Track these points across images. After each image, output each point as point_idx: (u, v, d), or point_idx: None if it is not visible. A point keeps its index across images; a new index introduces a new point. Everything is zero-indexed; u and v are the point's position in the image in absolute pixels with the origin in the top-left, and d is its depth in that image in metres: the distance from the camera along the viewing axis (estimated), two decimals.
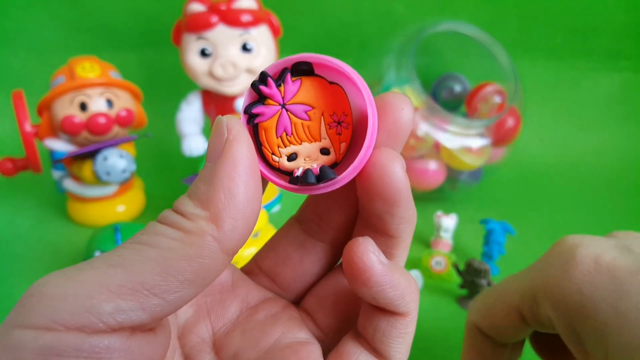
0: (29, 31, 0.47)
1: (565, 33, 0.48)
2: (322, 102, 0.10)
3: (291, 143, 0.10)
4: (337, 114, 0.10)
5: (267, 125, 0.10)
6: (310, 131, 0.10)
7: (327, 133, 0.10)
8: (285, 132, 0.10)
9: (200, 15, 0.34)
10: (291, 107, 0.10)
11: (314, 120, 0.10)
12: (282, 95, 0.10)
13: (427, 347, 0.25)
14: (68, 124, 0.32)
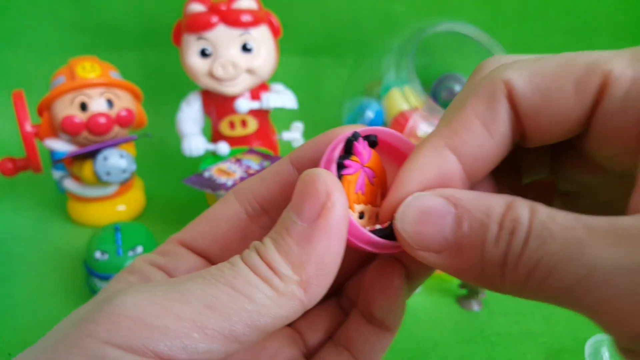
0: (30, 31, 0.47)
1: (564, 33, 0.49)
2: (381, 173, 0.11)
3: (362, 202, 0.11)
4: (385, 186, 0.11)
5: (350, 179, 0.10)
6: (373, 196, 0.11)
7: (381, 202, 0.11)
8: (361, 190, 0.11)
9: (200, 15, 0.34)
10: (367, 170, 0.11)
11: (376, 187, 0.11)
12: (364, 157, 0.11)
13: (427, 347, 0.25)
14: (68, 124, 0.32)
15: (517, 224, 0.08)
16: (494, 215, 0.08)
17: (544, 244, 0.08)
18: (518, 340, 0.25)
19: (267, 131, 0.38)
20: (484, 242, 0.08)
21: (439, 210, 0.09)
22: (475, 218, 0.08)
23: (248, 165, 0.33)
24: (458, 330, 0.26)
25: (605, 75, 0.09)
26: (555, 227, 0.08)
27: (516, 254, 0.08)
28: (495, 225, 0.08)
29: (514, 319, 0.27)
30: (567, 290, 0.07)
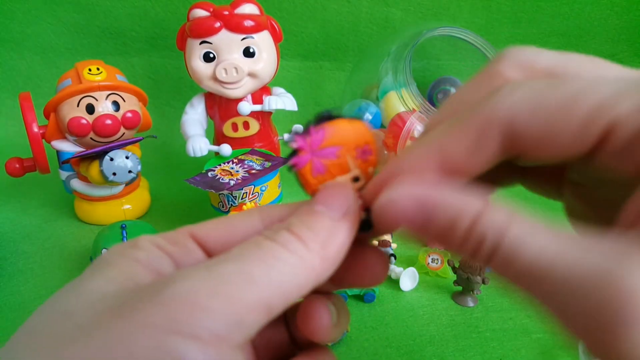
0: (36, 35, 0.48)
1: (559, 37, 0.49)
2: (345, 140, 0.12)
3: (326, 179, 0.12)
4: (360, 146, 0.12)
5: (303, 172, 0.12)
6: (340, 167, 0.12)
7: (354, 164, 0.12)
8: (319, 173, 0.12)
9: (204, 20, 0.35)
10: (320, 152, 0.12)
11: (342, 157, 0.12)
12: (309, 145, 0.12)
13: (423, 342, 0.25)
14: (75, 125, 0.33)
15: (483, 236, 0.09)
16: (463, 219, 0.09)
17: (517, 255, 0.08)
18: (512, 336, 0.26)
19: (268, 133, 0.39)
20: (451, 240, 0.09)
21: (411, 210, 0.09)
22: (445, 219, 0.09)
23: (250, 166, 0.34)
24: (453, 325, 0.27)
25: (610, 123, 0.08)
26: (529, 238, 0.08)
27: (485, 255, 0.09)
28: (462, 232, 0.09)
29: (508, 315, 0.27)
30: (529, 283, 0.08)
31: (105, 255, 0.11)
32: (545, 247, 0.08)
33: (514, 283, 0.09)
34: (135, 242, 0.11)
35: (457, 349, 0.25)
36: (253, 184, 0.32)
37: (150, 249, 0.10)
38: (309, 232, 0.10)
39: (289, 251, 0.09)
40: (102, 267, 0.10)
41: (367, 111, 0.38)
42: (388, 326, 0.26)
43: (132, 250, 0.10)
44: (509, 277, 0.09)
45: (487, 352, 0.25)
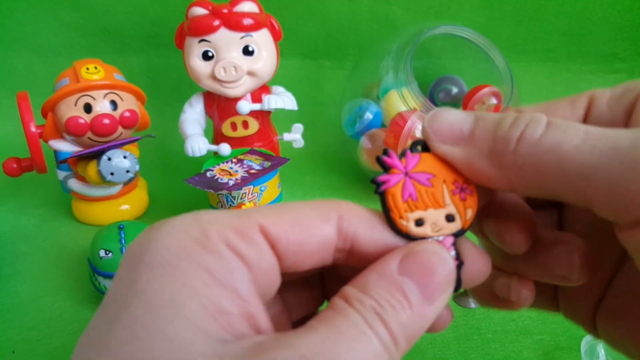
0: (33, 34, 0.48)
1: (561, 35, 0.49)
2: (442, 171, 0.11)
3: (418, 208, 0.10)
4: (459, 182, 0.11)
5: (393, 191, 0.10)
6: (434, 197, 0.11)
7: (451, 200, 0.11)
8: (411, 197, 0.10)
9: (202, 18, 0.35)
10: (414, 175, 0.11)
11: (437, 186, 0.11)
12: (404, 165, 0.11)
13: (424, 344, 0.25)
14: (72, 125, 0.33)
15: (534, 118, 0.10)
16: (509, 114, 0.10)
17: (567, 132, 0.09)
18: (514, 338, 0.26)
19: (268, 132, 0.39)
20: (497, 128, 0.10)
21: (460, 116, 0.11)
22: (490, 117, 0.10)
23: (249, 166, 0.33)
24: (455, 327, 0.26)
25: (590, 95, 0.11)
26: (575, 124, 0.09)
27: (536, 134, 0.09)
28: (510, 118, 0.10)
29: (510, 316, 0.27)
30: (576, 173, 0.09)
31: (158, 248, 0.08)
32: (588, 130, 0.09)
33: (550, 170, 0.09)
34: (203, 235, 0.09)
35: (458, 351, 0.25)
36: (252, 184, 0.32)
37: (223, 253, 0.09)
38: (399, 327, 0.09)
39: (380, 343, 0.08)
40: (163, 280, 0.08)
41: (367, 110, 0.38)
42: None
43: (203, 253, 0.09)
44: (556, 160, 0.09)
45: (488, 354, 0.25)
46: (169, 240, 0.09)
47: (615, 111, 0.11)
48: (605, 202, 0.09)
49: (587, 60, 0.50)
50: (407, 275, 0.09)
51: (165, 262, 0.08)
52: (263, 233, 0.09)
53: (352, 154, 0.41)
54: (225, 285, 0.09)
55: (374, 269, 0.10)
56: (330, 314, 0.09)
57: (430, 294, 0.09)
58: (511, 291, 0.12)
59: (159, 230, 0.09)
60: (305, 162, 0.46)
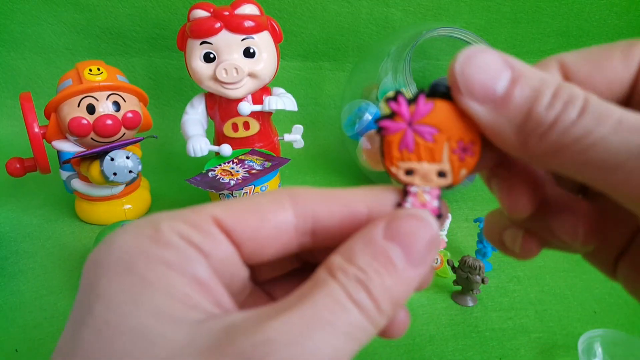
0: (36, 35, 0.48)
1: (558, 37, 0.49)
2: (451, 127, 0.10)
3: (411, 160, 0.10)
4: (464, 140, 0.10)
5: (391, 139, 0.10)
6: (432, 152, 0.10)
7: (448, 157, 0.10)
8: (407, 148, 0.10)
9: (204, 21, 0.35)
10: (418, 127, 0.10)
11: (438, 143, 0.10)
12: (411, 114, 0.10)
13: (423, 341, 0.25)
14: (75, 126, 0.33)
15: (572, 97, 0.09)
16: (548, 84, 0.09)
17: (600, 119, 0.09)
18: (512, 336, 0.26)
19: (268, 133, 0.39)
20: (534, 103, 0.09)
21: (496, 67, 0.09)
22: (529, 82, 0.09)
23: (250, 166, 0.34)
24: (453, 325, 0.27)
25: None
26: (611, 110, 0.09)
27: (569, 120, 0.09)
28: (550, 93, 0.09)
29: (507, 314, 0.27)
30: (599, 165, 0.08)
31: (114, 251, 0.09)
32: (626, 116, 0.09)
33: (574, 158, 0.09)
34: (155, 231, 0.09)
35: (456, 349, 0.25)
36: (253, 184, 0.32)
37: (179, 245, 0.09)
38: (384, 293, 0.09)
39: (361, 313, 0.08)
40: (121, 279, 0.08)
41: (367, 111, 0.38)
42: None
43: (157, 247, 0.09)
44: (581, 150, 0.09)
45: (486, 352, 0.25)
46: (123, 241, 0.09)
47: (630, 65, 0.10)
48: (625, 196, 0.09)
49: None
50: (393, 239, 0.09)
51: (122, 262, 0.08)
52: (216, 223, 0.09)
53: (352, 155, 0.41)
54: (184, 273, 0.09)
55: (359, 236, 0.09)
56: (310, 287, 0.09)
57: (415, 258, 0.09)
58: (516, 244, 0.12)
59: (114, 234, 0.09)
60: (306, 163, 0.46)
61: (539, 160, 0.09)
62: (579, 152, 0.09)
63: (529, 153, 0.09)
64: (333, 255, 0.09)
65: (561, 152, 0.09)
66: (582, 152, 0.09)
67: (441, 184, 0.11)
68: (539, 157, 0.09)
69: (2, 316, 0.27)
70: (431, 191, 0.10)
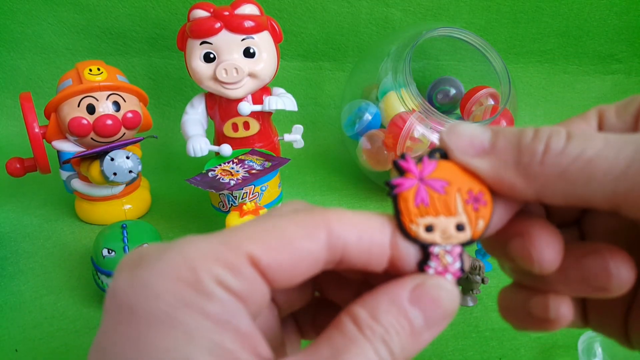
0: (37, 35, 0.48)
1: (558, 37, 0.49)
2: (458, 179, 0.11)
3: (429, 214, 0.10)
4: (473, 191, 0.10)
5: (406, 195, 0.10)
6: (446, 204, 0.10)
7: (463, 209, 0.10)
8: (423, 202, 0.10)
9: (204, 21, 0.35)
10: (428, 181, 0.10)
11: (450, 195, 0.10)
12: (419, 171, 0.11)
13: None
14: (75, 126, 0.33)
15: (553, 131, 0.10)
16: (527, 129, 0.10)
17: (588, 141, 0.09)
18: (512, 335, 0.26)
19: (268, 133, 0.39)
20: (520, 140, 0.10)
21: (477, 129, 0.11)
22: (509, 131, 0.10)
23: (250, 166, 0.34)
24: (453, 325, 0.27)
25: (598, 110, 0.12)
26: (594, 133, 0.10)
27: (559, 146, 0.10)
28: (531, 132, 0.10)
29: None
30: (604, 177, 0.09)
31: (150, 297, 0.08)
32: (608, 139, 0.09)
33: (578, 176, 0.09)
34: (195, 279, 0.08)
35: (456, 349, 0.25)
36: (253, 184, 0.32)
37: (222, 297, 0.08)
38: (402, 352, 0.09)
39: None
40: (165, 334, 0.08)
41: (367, 111, 0.38)
42: None
43: (199, 298, 0.08)
44: (582, 167, 0.09)
45: (486, 352, 0.25)
46: (160, 285, 0.08)
47: (625, 119, 0.11)
48: (634, 204, 0.09)
49: (584, 62, 0.50)
50: (417, 305, 0.10)
51: (163, 314, 0.08)
52: (253, 264, 0.09)
53: (352, 155, 0.41)
54: (227, 327, 0.08)
55: (385, 293, 0.10)
56: (341, 340, 0.09)
57: (432, 324, 0.10)
58: (550, 309, 0.11)
59: (144, 271, 0.09)
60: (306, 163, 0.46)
61: (548, 190, 0.10)
62: (581, 170, 0.09)
63: (535, 186, 0.10)
64: (357, 307, 0.10)
65: (564, 175, 0.09)
66: (584, 169, 0.09)
67: (461, 239, 0.11)
68: (546, 187, 0.10)
69: (2, 316, 0.27)
70: (452, 250, 0.11)
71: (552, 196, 0.10)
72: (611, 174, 0.09)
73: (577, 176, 0.09)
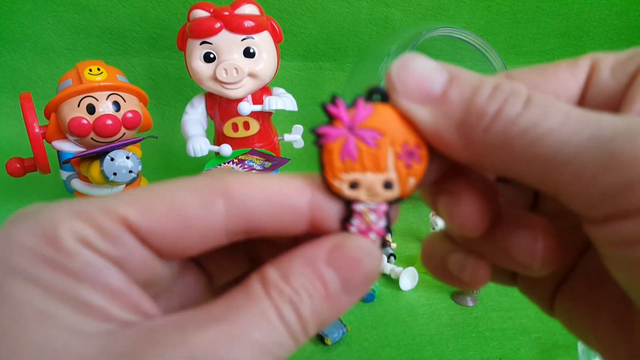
0: (37, 35, 0.48)
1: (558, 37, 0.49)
2: (394, 129, 0.09)
3: (354, 170, 0.09)
4: (408, 144, 0.09)
5: (331, 147, 0.09)
6: (376, 160, 0.09)
7: (394, 165, 0.09)
8: (350, 157, 0.09)
9: (204, 21, 0.35)
10: (359, 132, 0.09)
11: (382, 148, 0.09)
12: (350, 118, 0.09)
13: (423, 341, 0.25)
14: (76, 126, 0.33)
15: (515, 91, 0.08)
16: (488, 80, 0.09)
17: (547, 112, 0.08)
18: (512, 336, 0.26)
19: (268, 133, 0.39)
20: (474, 96, 0.09)
21: (433, 69, 0.09)
22: (467, 80, 0.09)
23: (250, 166, 0.34)
24: (453, 325, 0.27)
25: (593, 59, 0.10)
26: (557, 103, 0.08)
27: (513, 112, 0.08)
28: (490, 87, 0.09)
29: (507, 314, 0.27)
30: (548, 160, 0.08)
31: (14, 250, 0.08)
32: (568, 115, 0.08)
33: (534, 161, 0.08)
34: (54, 234, 0.08)
35: (456, 349, 0.25)
36: None
37: (85, 256, 0.08)
38: (313, 316, 0.09)
39: (287, 331, 0.08)
40: (33, 293, 0.08)
41: None
42: (388, 325, 0.26)
43: (60, 255, 0.08)
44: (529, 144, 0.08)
45: (486, 352, 0.25)
46: (23, 241, 0.08)
47: (619, 78, 0.09)
48: (575, 195, 0.08)
49: None
50: (333, 266, 0.09)
51: (23, 269, 0.08)
52: (128, 228, 0.08)
53: None
54: (92, 284, 0.08)
55: (301, 254, 0.09)
56: (242, 298, 0.08)
57: (351, 288, 0.09)
58: (466, 270, 0.11)
59: (14, 227, 0.08)
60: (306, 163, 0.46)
61: (485, 160, 0.09)
62: (526, 146, 0.08)
63: (474, 152, 0.09)
64: (269, 267, 0.09)
65: (507, 147, 0.08)
66: (529, 146, 0.08)
67: (388, 197, 0.10)
68: (484, 156, 0.09)
69: None
70: (377, 208, 0.10)
71: (489, 167, 0.09)
72: (557, 159, 0.08)
73: (520, 153, 0.08)
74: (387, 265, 0.30)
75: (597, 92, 0.10)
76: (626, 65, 0.10)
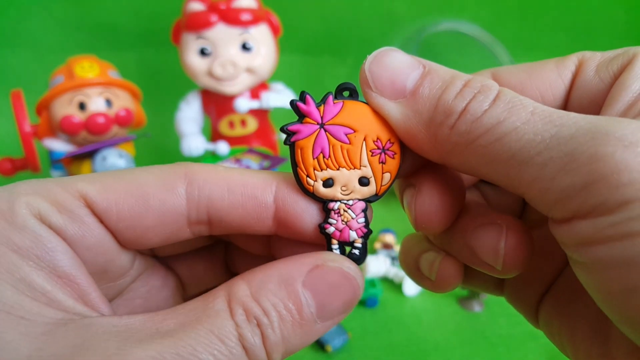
0: (28, 31, 0.47)
1: (566, 32, 0.48)
2: (366, 126, 0.09)
3: (328, 167, 0.09)
4: (381, 140, 0.09)
5: (303, 144, 0.09)
6: (349, 156, 0.09)
7: (368, 160, 0.09)
8: (323, 153, 0.09)
9: (199, 14, 0.34)
10: (330, 128, 0.09)
11: (355, 144, 0.09)
12: (321, 114, 0.09)
13: (428, 348, 0.25)
14: (67, 123, 0.32)
15: (484, 88, 0.08)
16: (460, 76, 0.09)
17: (513, 109, 0.08)
18: (520, 342, 0.25)
19: (266, 131, 0.38)
20: (443, 93, 0.09)
21: (407, 64, 0.09)
22: (439, 75, 0.09)
23: (248, 165, 0.33)
24: (459, 331, 0.26)
25: (580, 58, 0.10)
26: (525, 101, 0.08)
27: (480, 109, 0.08)
28: (460, 83, 0.09)
29: (515, 320, 0.27)
30: (512, 158, 0.08)
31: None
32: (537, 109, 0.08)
33: (497, 159, 0.08)
34: (9, 208, 0.08)
35: (463, 356, 0.24)
36: None
37: (35, 229, 0.08)
38: (280, 343, 0.08)
39: (246, 357, 0.07)
40: None
41: None
42: (391, 332, 0.26)
43: (9, 229, 0.08)
44: (492, 142, 0.08)
45: (494, 359, 0.24)
46: None
47: (603, 78, 0.10)
48: (537, 194, 0.08)
49: None
50: (311, 289, 0.08)
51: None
52: (86, 204, 0.08)
53: None
54: (40, 264, 0.08)
55: (277, 270, 0.08)
56: (200, 313, 0.07)
57: (326, 314, 0.08)
58: (432, 269, 0.10)
59: None
60: None
61: (452, 158, 0.09)
62: (490, 144, 0.08)
63: (440, 148, 0.09)
64: (239, 281, 0.08)
65: (472, 146, 0.08)
66: (493, 144, 0.08)
67: (365, 194, 0.09)
68: (451, 154, 0.08)
69: None
70: (354, 205, 0.09)
71: (456, 165, 0.09)
72: (519, 158, 0.08)
73: (484, 151, 0.08)
74: (390, 269, 0.29)
75: (581, 92, 0.10)
76: (610, 65, 0.10)
